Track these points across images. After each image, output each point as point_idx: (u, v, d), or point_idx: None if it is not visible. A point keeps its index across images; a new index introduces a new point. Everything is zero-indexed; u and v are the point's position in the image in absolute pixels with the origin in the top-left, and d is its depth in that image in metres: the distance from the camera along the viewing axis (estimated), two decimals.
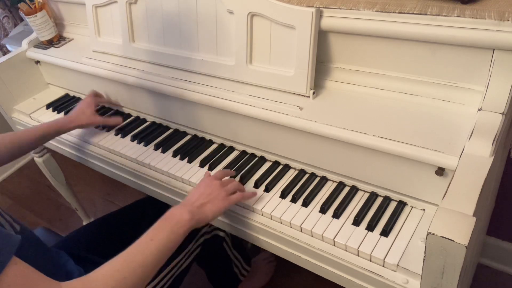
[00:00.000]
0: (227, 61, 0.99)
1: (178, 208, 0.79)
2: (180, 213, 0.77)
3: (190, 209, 0.78)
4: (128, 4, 1.11)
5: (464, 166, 0.67)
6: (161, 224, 0.76)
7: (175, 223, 0.76)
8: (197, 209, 0.80)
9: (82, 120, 1.13)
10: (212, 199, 0.82)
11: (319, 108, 0.87)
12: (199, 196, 0.82)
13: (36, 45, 1.41)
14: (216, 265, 1.28)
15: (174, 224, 0.76)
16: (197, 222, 0.79)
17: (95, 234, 1.12)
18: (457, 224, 0.57)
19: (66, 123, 1.11)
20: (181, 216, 0.77)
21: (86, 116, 1.13)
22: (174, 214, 0.77)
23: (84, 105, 1.16)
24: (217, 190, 0.83)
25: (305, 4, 0.85)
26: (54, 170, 1.60)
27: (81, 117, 1.13)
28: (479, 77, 0.75)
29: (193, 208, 0.79)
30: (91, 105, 1.16)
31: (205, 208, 0.81)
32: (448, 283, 0.61)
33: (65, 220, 1.99)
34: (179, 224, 0.76)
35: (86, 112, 1.14)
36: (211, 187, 0.84)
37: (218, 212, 0.82)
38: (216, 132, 1.05)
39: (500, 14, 0.68)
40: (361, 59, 0.87)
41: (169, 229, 0.75)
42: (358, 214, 0.81)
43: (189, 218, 0.77)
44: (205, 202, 0.81)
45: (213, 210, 0.81)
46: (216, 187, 0.84)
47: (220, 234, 1.19)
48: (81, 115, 1.13)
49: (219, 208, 0.82)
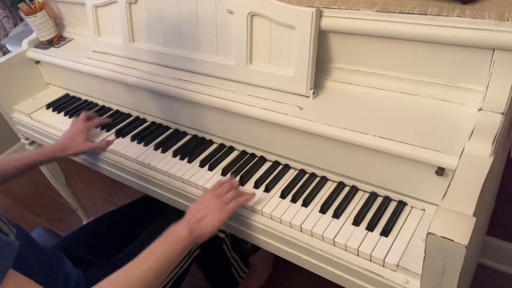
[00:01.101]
0: (227, 61, 0.99)
1: (178, 225, 0.80)
2: (179, 229, 0.79)
3: (188, 225, 0.80)
4: (128, 4, 1.11)
5: (464, 166, 0.67)
6: (161, 240, 0.77)
7: (174, 239, 0.77)
8: (195, 224, 0.80)
9: (74, 149, 1.11)
10: (209, 213, 0.82)
11: (319, 108, 0.87)
12: (196, 211, 0.83)
13: (36, 45, 1.41)
14: (214, 266, 1.28)
15: (173, 240, 0.77)
16: (197, 237, 0.80)
17: (94, 234, 1.12)
18: (457, 224, 0.57)
19: (58, 151, 1.10)
20: (179, 232, 0.78)
21: (77, 145, 1.12)
22: (174, 230, 0.79)
23: (76, 133, 1.13)
24: (214, 202, 0.84)
25: (305, 4, 0.85)
26: (54, 170, 1.60)
27: (72, 146, 1.11)
28: (479, 77, 0.75)
29: (191, 223, 0.80)
30: (82, 131, 1.13)
31: (203, 222, 0.81)
32: (448, 283, 0.61)
33: (65, 220, 1.99)
34: (178, 240, 0.77)
35: (78, 140, 1.12)
36: (207, 200, 0.85)
37: (217, 224, 0.82)
38: (216, 132, 1.05)
39: (500, 14, 0.68)
40: (361, 59, 0.87)
41: (168, 245, 0.76)
42: (358, 214, 0.81)
43: (187, 234, 0.78)
44: (203, 216, 0.82)
45: (211, 223, 0.82)
46: (212, 199, 0.84)
47: (220, 235, 1.19)
48: (72, 143, 1.11)
49: (217, 220, 0.82)
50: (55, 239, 1.13)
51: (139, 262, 0.73)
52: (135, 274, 0.71)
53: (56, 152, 1.10)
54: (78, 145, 1.12)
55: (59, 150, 1.11)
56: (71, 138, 1.13)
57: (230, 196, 0.86)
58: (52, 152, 1.10)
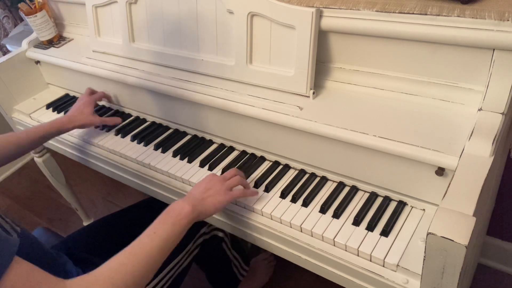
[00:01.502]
0: (227, 61, 0.99)
1: (179, 202, 0.79)
2: (182, 205, 0.78)
3: (191, 202, 0.79)
4: (128, 4, 1.11)
5: (464, 166, 0.67)
6: (163, 217, 0.76)
7: (176, 215, 0.76)
8: (198, 202, 0.80)
9: (81, 120, 1.12)
10: (213, 193, 0.82)
11: (319, 108, 0.87)
12: (200, 190, 0.83)
13: (36, 45, 1.41)
14: (215, 265, 1.28)
15: (176, 216, 0.76)
16: (199, 215, 0.79)
17: (95, 236, 1.11)
18: (457, 224, 0.57)
19: (65, 123, 1.11)
20: (182, 209, 0.77)
21: (85, 116, 1.13)
22: (176, 207, 0.78)
23: (82, 105, 1.15)
24: (218, 184, 0.84)
25: (305, 4, 0.85)
26: (54, 170, 1.60)
27: (79, 117, 1.13)
28: (479, 77, 0.75)
29: (194, 201, 0.80)
30: (89, 104, 1.16)
31: (206, 201, 0.81)
32: (448, 283, 0.61)
33: (65, 220, 1.99)
34: (181, 216, 0.76)
35: (85, 111, 1.14)
36: (212, 181, 0.85)
37: (219, 205, 0.82)
38: (216, 132, 1.05)
39: (500, 14, 0.68)
40: (361, 59, 0.87)
41: (171, 222, 0.75)
42: (358, 214, 0.81)
43: (190, 210, 0.77)
44: (206, 195, 0.82)
45: (214, 203, 0.82)
46: (217, 181, 0.85)
47: (219, 234, 1.19)
48: (79, 115, 1.13)
49: (220, 201, 0.82)
50: (55, 239, 1.13)
51: (144, 240, 0.72)
52: (140, 252, 0.70)
53: (64, 124, 1.11)
54: (85, 117, 1.13)
55: (67, 121, 1.11)
56: (77, 109, 1.14)
57: (235, 182, 0.86)
58: (61, 123, 1.10)
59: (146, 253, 0.70)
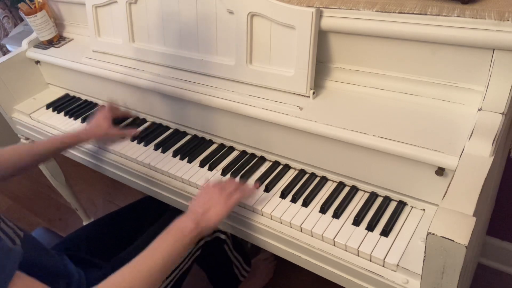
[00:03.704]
0: (227, 61, 0.99)
1: (182, 219, 0.79)
2: (184, 222, 0.78)
3: (193, 218, 0.79)
4: (128, 4, 1.11)
5: (464, 166, 0.67)
6: (166, 234, 0.76)
7: (180, 233, 0.76)
8: (201, 217, 0.79)
9: (99, 134, 1.12)
10: (214, 204, 0.82)
11: (319, 108, 0.87)
12: (200, 204, 0.82)
13: (36, 45, 1.41)
14: (216, 266, 1.28)
15: (179, 234, 0.76)
16: (203, 230, 0.79)
17: (95, 235, 1.11)
18: (457, 224, 0.57)
19: (84, 136, 1.11)
20: (185, 226, 0.77)
21: (103, 130, 1.12)
22: (179, 224, 0.78)
23: (101, 118, 1.14)
24: (217, 193, 0.83)
25: (305, 4, 0.85)
26: (54, 170, 1.60)
27: (97, 130, 1.12)
28: (479, 77, 0.75)
29: (197, 216, 0.79)
30: (107, 118, 1.14)
31: (209, 214, 0.80)
32: (448, 283, 0.61)
33: (65, 220, 1.99)
34: (184, 233, 0.76)
35: (103, 125, 1.12)
36: (210, 193, 0.84)
37: (222, 216, 0.82)
38: (216, 132, 1.05)
39: (500, 14, 0.68)
40: (361, 59, 0.87)
41: (174, 239, 0.75)
42: (358, 214, 0.81)
43: (194, 227, 0.77)
44: (207, 208, 0.81)
45: (217, 214, 0.81)
46: (215, 192, 0.84)
47: (221, 236, 1.19)
48: (97, 128, 1.12)
49: (222, 211, 0.82)
50: (55, 239, 1.13)
51: (145, 258, 0.72)
52: (141, 270, 0.70)
53: (82, 135, 1.11)
54: (104, 130, 1.12)
55: (84, 133, 1.11)
56: (96, 122, 1.14)
57: (233, 187, 0.86)
58: (78, 134, 1.10)
59: (147, 270, 0.70)
